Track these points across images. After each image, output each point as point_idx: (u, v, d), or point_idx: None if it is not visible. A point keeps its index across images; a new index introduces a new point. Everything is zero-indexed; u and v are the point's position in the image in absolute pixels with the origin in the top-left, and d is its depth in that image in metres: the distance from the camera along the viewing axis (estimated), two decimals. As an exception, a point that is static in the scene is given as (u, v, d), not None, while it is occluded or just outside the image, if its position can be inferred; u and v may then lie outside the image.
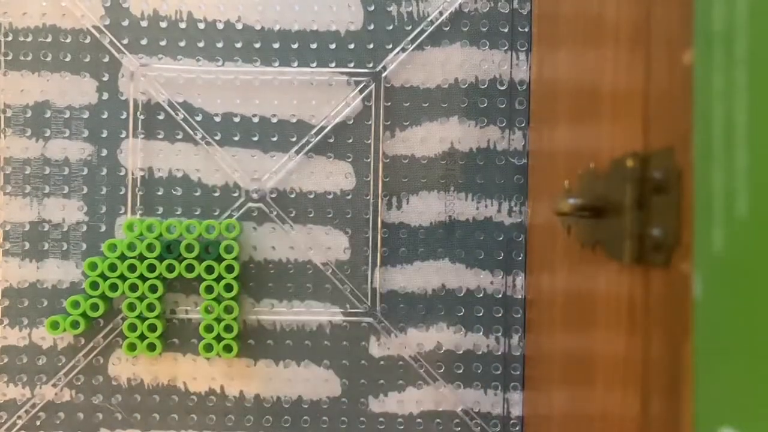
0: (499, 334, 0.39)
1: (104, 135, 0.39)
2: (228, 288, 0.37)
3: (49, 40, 0.38)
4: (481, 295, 0.39)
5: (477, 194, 0.39)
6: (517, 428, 0.39)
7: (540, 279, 0.37)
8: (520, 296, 0.39)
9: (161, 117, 0.39)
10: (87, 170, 0.39)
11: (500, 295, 0.39)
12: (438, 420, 0.39)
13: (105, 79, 0.38)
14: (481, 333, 0.39)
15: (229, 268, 0.37)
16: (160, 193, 0.39)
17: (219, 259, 0.37)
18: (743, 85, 0.16)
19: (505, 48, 0.39)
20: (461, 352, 0.39)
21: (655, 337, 0.21)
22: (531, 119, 0.39)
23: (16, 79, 0.38)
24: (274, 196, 0.39)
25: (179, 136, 0.39)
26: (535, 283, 0.38)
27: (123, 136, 0.39)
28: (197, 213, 0.38)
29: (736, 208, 0.16)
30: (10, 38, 0.38)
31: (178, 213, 0.39)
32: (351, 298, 0.39)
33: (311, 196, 0.39)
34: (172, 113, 0.38)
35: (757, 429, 0.16)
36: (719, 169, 0.17)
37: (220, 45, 0.39)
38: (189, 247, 0.37)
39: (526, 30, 0.39)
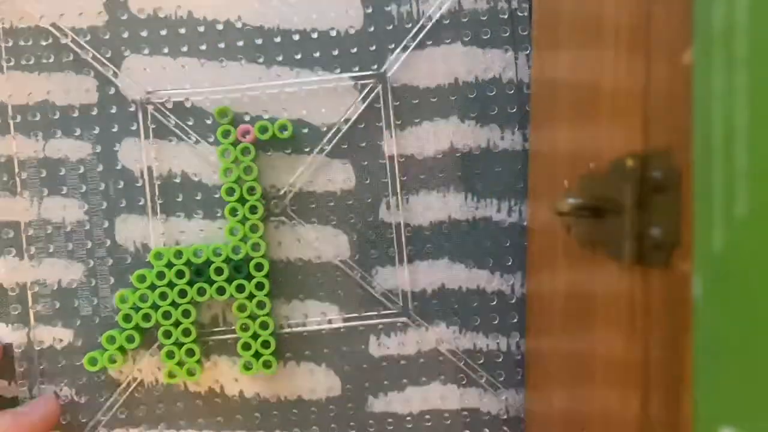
0: (499, 333, 0.39)
1: (104, 134, 0.39)
2: (261, 305, 0.37)
3: (48, 38, 0.38)
4: (481, 294, 0.39)
5: (476, 194, 0.39)
6: (517, 428, 0.39)
7: (540, 279, 0.37)
8: (519, 296, 0.39)
9: (163, 116, 0.38)
10: (87, 169, 0.39)
11: (500, 295, 0.39)
12: (438, 419, 0.39)
13: (105, 77, 0.38)
14: (480, 332, 0.39)
15: (260, 286, 0.37)
16: (161, 192, 0.39)
17: (249, 277, 0.37)
18: (743, 85, 0.16)
19: (506, 48, 0.39)
20: (461, 351, 0.39)
21: (655, 337, 0.21)
22: (531, 119, 0.39)
23: (16, 78, 0.38)
24: (277, 194, 0.39)
25: (182, 136, 0.39)
26: (534, 282, 0.38)
27: (124, 135, 0.38)
28: (198, 215, 0.38)
29: (736, 208, 0.16)
30: (9, 36, 0.38)
31: (180, 215, 0.39)
32: (351, 298, 0.39)
33: (314, 196, 0.39)
34: (173, 112, 0.38)
35: (757, 429, 0.16)
36: (719, 169, 0.17)
37: (221, 46, 0.38)
38: (218, 270, 0.37)
39: (527, 30, 0.39)
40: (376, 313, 0.39)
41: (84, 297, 0.39)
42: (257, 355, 0.38)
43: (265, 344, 0.37)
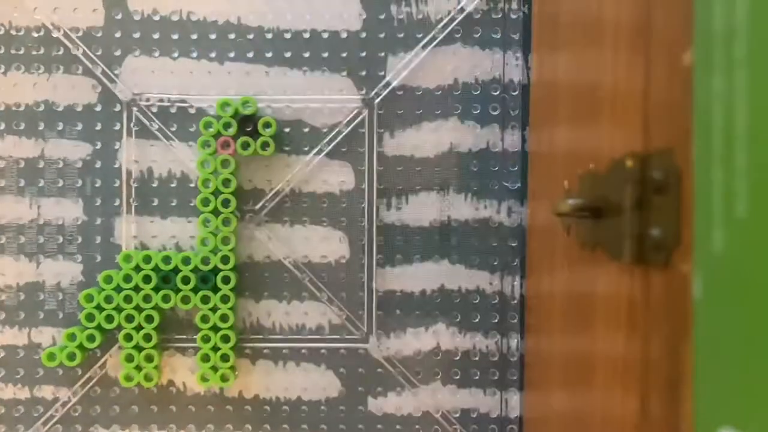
0: (499, 334, 0.39)
1: (102, 135, 0.39)
2: (224, 318, 0.37)
3: (46, 39, 0.38)
4: (481, 295, 0.39)
5: (476, 195, 0.39)
6: (516, 429, 0.39)
7: (540, 279, 0.37)
8: (519, 296, 0.39)
9: (158, 118, 0.38)
10: (85, 170, 0.39)
11: (499, 296, 0.39)
12: (436, 420, 0.39)
13: (102, 79, 0.38)
14: (480, 333, 0.39)
15: (225, 299, 0.37)
16: (156, 193, 0.39)
17: (215, 289, 0.37)
18: (743, 85, 0.16)
19: (506, 49, 0.39)
20: (460, 352, 0.39)
21: (655, 337, 0.21)
22: (531, 120, 0.39)
23: (15, 79, 0.38)
24: (273, 197, 0.39)
25: (175, 136, 0.39)
26: (534, 283, 0.38)
27: (120, 136, 0.38)
28: (191, 220, 0.38)
29: (736, 208, 0.16)
30: (8, 38, 0.38)
31: (174, 213, 0.39)
32: (348, 301, 0.39)
33: (309, 198, 0.39)
34: (168, 113, 0.38)
35: (757, 429, 0.16)
36: (719, 169, 0.17)
37: (225, 48, 0.39)
38: (185, 279, 0.37)
39: (527, 31, 0.39)
40: (338, 336, 0.39)
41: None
42: (215, 368, 0.38)
43: (225, 358, 0.38)
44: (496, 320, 0.39)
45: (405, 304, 0.39)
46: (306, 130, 0.39)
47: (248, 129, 0.37)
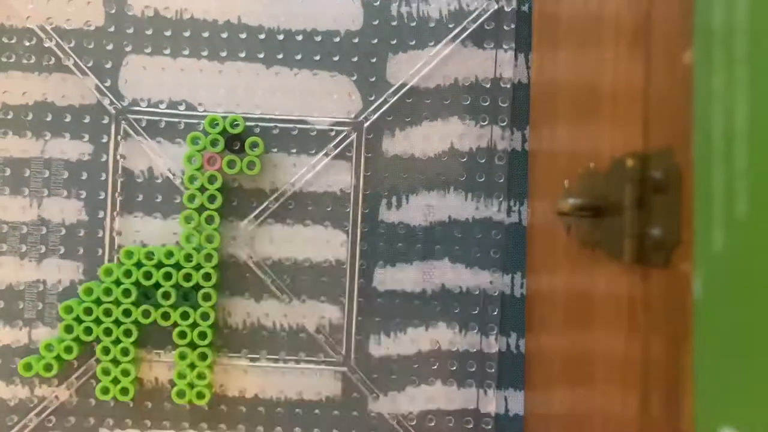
0: (498, 333, 0.39)
1: (102, 135, 0.39)
2: (202, 336, 0.37)
3: (47, 39, 0.38)
4: (480, 294, 0.39)
5: (476, 194, 0.39)
6: (516, 427, 0.39)
7: (540, 278, 0.37)
8: (519, 296, 0.39)
9: (158, 118, 0.38)
10: (85, 170, 0.39)
11: (499, 295, 0.39)
12: (437, 419, 0.39)
13: (103, 79, 0.38)
14: (480, 333, 0.39)
15: (204, 316, 0.37)
16: (156, 194, 0.39)
17: (196, 306, 0.37)
18: (743, 85, 0.16)
19: (506, 47, 0.39)
20: (460, 351, 0.39)
21: (655, 337, 0.21)
22: (531, 119, 0.39)
23: (15, 79, 0.38)
24: (266, 198, 0.39)
25: (177, 137, 0.39)
26: (534, 282, 0.38)
27: (121, 137, 0.38)
28: (175, 217, 0.38)
29: (736, 208, 0.16)
30: (8, 37, 0.38)
31: (175, 217, 0.38)
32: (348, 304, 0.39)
33: (306, 198, 0.39)
34: (168, 114, 0.38)
35: (757, 429, 0.16)
36: (719, 169, 0.17)
37: (222, 48, 0.39)
38: (166, 295, 0.37)
39: (527, 29, 0.39)
40: (314, 358, 0.39)
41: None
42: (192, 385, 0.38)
43: (201, 375, 0.37)
44: (496, 319, 0.39)
45: (404, 303, 0.39)
46: (295, 133, 0.39)
47: (235, 147, 0.37)
